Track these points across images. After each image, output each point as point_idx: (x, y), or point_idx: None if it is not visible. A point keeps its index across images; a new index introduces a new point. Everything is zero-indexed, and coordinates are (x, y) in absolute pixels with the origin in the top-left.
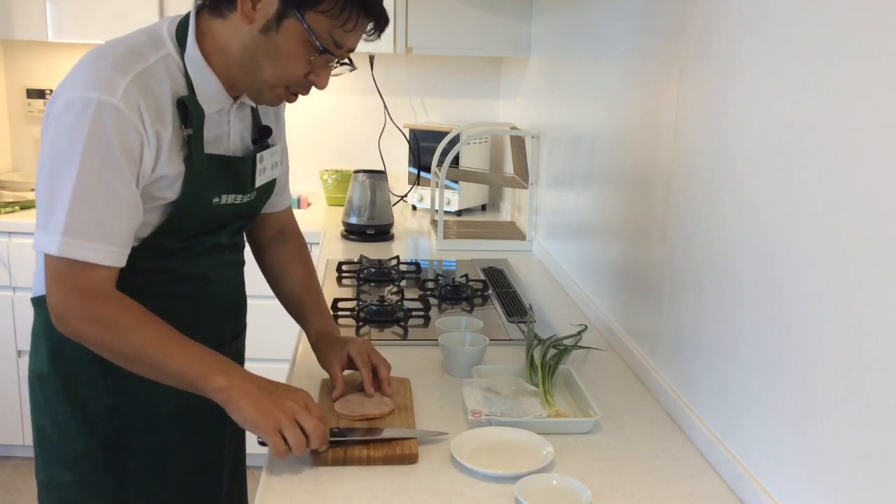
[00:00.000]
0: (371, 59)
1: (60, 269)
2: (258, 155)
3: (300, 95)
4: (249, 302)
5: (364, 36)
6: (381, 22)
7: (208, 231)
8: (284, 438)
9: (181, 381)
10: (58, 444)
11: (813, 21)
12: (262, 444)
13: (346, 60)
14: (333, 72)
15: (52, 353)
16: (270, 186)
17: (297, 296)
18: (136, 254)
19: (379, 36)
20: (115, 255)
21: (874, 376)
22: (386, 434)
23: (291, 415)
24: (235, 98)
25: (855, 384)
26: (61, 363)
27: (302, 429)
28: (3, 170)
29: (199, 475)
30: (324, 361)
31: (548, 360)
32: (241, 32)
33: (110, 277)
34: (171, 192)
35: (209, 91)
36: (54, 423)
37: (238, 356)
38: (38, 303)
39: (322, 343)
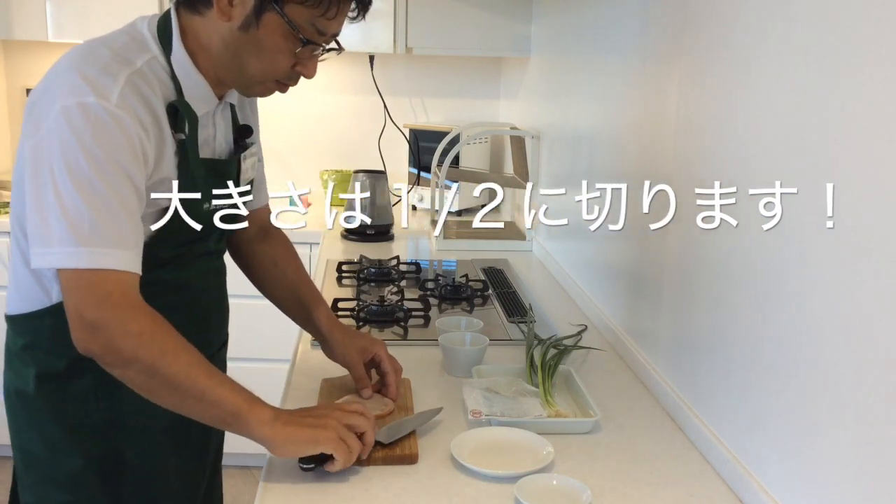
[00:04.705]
0: (371, 59)
1: (83, 283)
2: (241, 155)
3: (290, 87)
4: (234, 302)
5: (348, 19)
6: (363, 2)
7: (198, 238)
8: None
9: (223, 409)
10: (48, 464)
11: (813, 20)
12: (307, 468)
13: (334, 45)
14: (321, 57)
15: (39, 371)
16: (251, 186)
17: (293, 286)
18: None
19: (363, 16)
20: (135, 260)
21: (875, 376)
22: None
23: (338, 423)
24: (220, 98)
25: (856, 384)
26: (49, 381)
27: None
28: (3, 170)
29: (185, 488)
30: (340, 354)
31: (548, 361)
32: (221, 30)
33: (135, 284)
34: (165, 199)
35: (197, 93)
36: (42, 443)
37: (223, 366)
38: (17, 321)
39: (339, 334)
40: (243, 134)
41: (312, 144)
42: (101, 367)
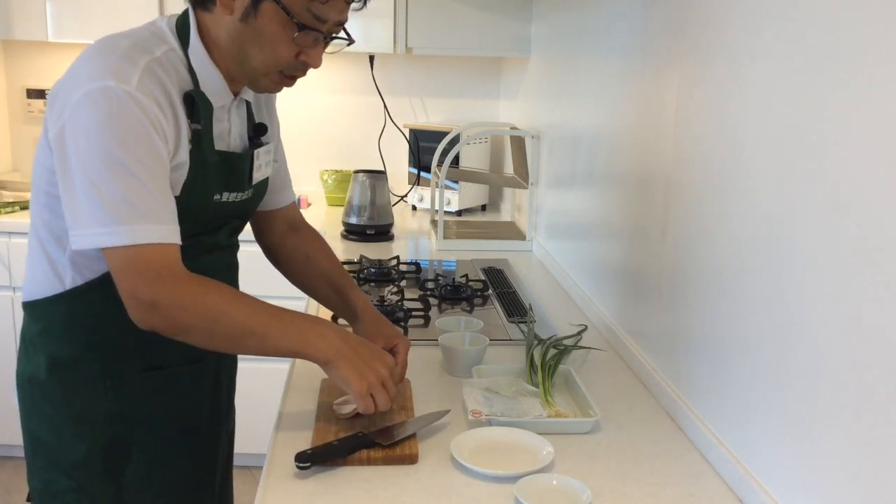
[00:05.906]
0: (371, 59)
1: (135, 261)
2: (255, 152)
3: (298, 78)
4: None
5: (352, 5)
6: None
7: (207, 230)
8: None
9: (282, 353)
10: (55, 450)
11: (813, 20)
12: (303, 466)
13: (344, 35)
14: (330, 48)
15: (50, 357)
16: (264, 185)
17: (327, 275)
18: None
19: (365, 3)
20: (174, 232)
21: (875, 376)
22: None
23: (380, 379)
24: (235, 94)
25: (855, 384)
26: (59, 368)
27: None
28: (3, 170)
29: (194, 483)
30: (366, 333)
31: (548, 361)
32: (226, 24)
33: (177, 255)
34: (176, 187)
35: (213, 86)
36: (50, 429)
37: (233, 364)
38: (32, 307)
39: (372, 315)
40: (258, 132)
41: (312, 144)
42: (110, 357)
